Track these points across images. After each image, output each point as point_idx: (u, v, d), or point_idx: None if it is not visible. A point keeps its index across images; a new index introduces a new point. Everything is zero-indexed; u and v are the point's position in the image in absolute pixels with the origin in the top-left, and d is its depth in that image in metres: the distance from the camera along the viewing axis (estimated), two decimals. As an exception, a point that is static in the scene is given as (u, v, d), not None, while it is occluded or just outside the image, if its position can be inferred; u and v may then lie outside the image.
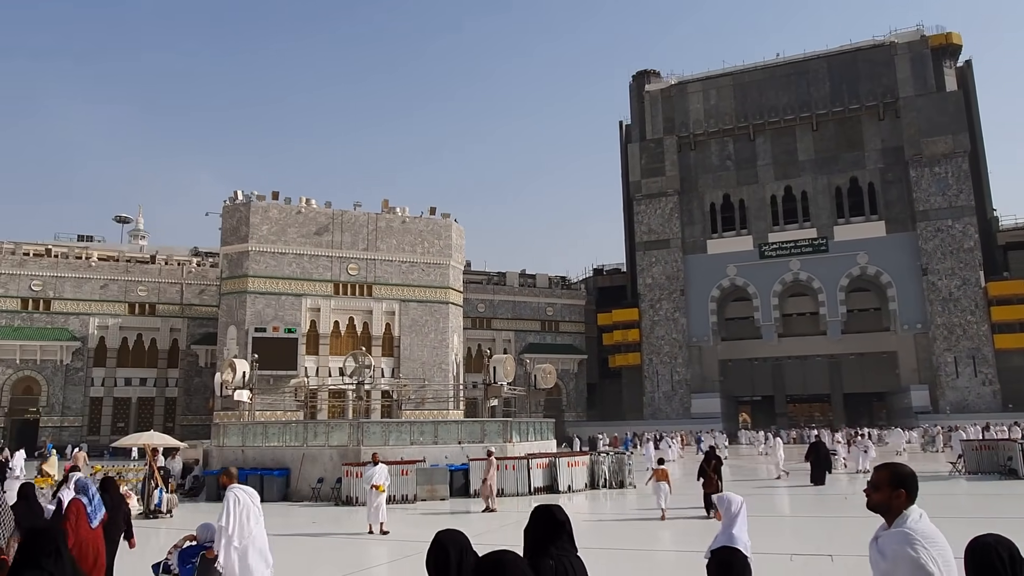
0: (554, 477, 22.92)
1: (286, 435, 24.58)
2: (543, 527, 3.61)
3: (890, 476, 3.49)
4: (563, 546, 3.58)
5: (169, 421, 58.56)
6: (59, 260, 58.75)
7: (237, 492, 7.58)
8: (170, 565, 8.30)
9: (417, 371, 53.07)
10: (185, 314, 61.54)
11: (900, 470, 3.52)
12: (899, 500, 3.43)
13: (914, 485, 3.46)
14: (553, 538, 3.58)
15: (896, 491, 3.44)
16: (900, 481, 3.45)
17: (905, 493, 3.44)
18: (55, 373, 57.06)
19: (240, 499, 7.48)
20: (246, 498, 7.56)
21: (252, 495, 7.67)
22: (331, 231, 53.85)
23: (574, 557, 3.60)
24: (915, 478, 3.50)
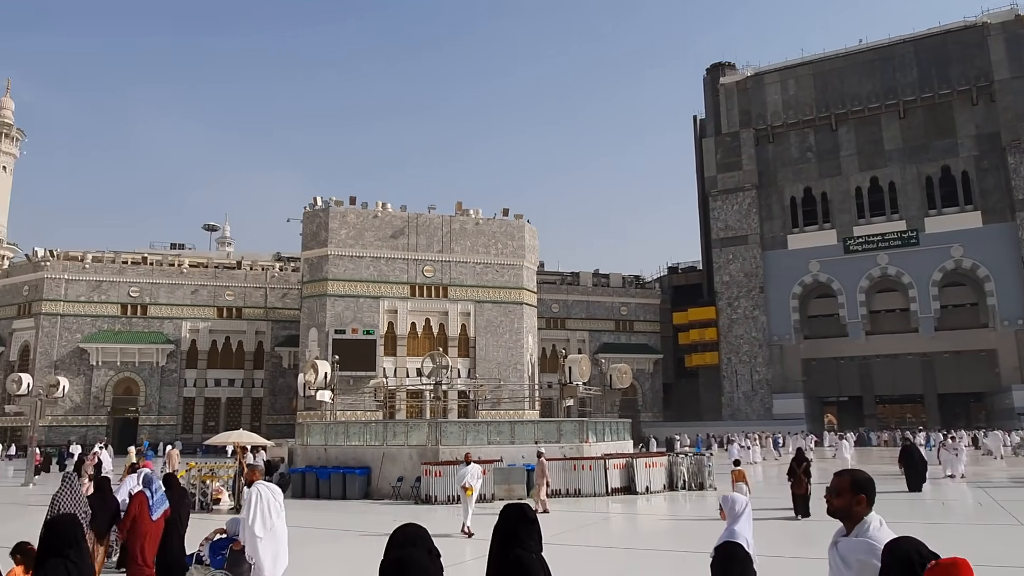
0: (631, 478, 22.62)
1: (366, 434, 25.14)
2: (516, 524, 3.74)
3: (851, 482, 3.58)
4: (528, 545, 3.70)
5: (256, 420, 60.87)
6: (154, 268, 62.03)
7: (260, 488, 8.05)
8: (202, 556, 8.72)
9: (493, 371, 53.45)
10: (269, 317, 63.89)
11: (860, 476, 3.62)
12: (860, 506, 3.53)
13: (873, 491, 3.57)
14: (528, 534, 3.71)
15: (856, 497, 3.54)
16: (860, 487, 3.56)
17: (865, 499, 3.54)
18: (152, 374, 60.23)
19: (262, 494, 7.95)
20: (268, 493, 8.01)
21: (275, 491, 8.10)
22: (407, 234, 54.86)
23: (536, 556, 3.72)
24: (873, 484, 3.61)
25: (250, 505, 7.88)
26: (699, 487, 23.49)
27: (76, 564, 4.21)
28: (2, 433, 58.24)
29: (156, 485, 9.10)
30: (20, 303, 60.79)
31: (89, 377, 58.24)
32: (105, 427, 57.82)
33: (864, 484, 3.60)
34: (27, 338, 59.38)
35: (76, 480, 8.79)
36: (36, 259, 60.73)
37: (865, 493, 3.57)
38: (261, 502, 7.89)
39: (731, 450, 30.29)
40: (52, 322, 58.61)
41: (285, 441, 32.39)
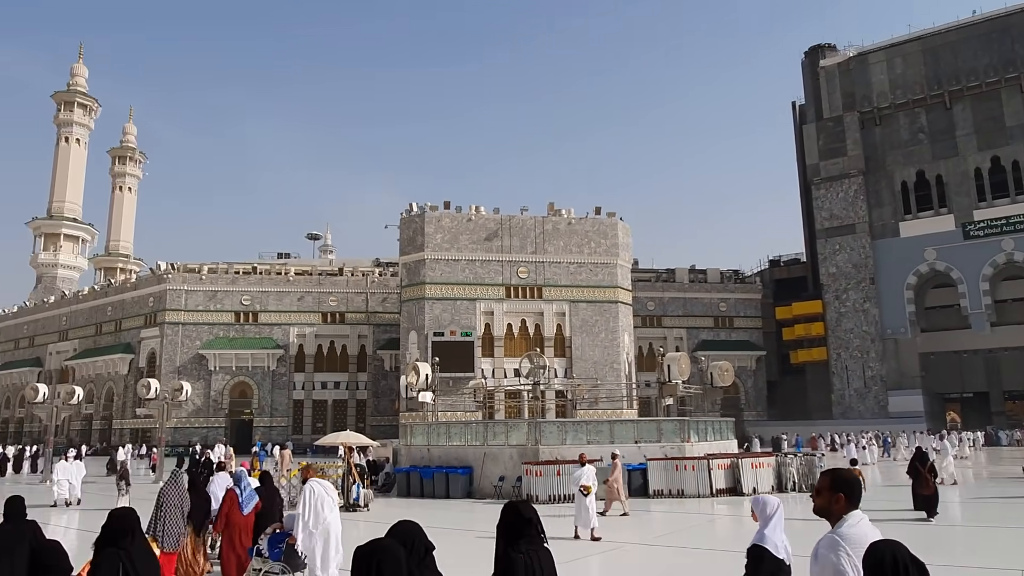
0: (737, 479, 21.95)
1: (467, 435, 25.54)
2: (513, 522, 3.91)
3: (831, 481, 3.65)
4: (533, 539, 3.88)
5: (360, 421, 63.00)
6: (263, 277, 65.38)
7: (313, 485, 8.53)
8: (261, 549, 9.24)
9: (589, 371, 53.18)
10: (370, 321, 66.02)
11: (840, 475, 3.68)
12: (839, 504, 3.58)
13: (851, 490, 3.60)
14: (522, 532, 3.88)
15: (835, 495, 3.59)
16: (839, 486, 3.61)
17: (844, 497, 3.59)
18: (264, 378, 63.45)
19: (315, 491, 8.44)
20: (321, 490, 8.50)
21: (328, 487, 8.61)
22: (500, 236, 55.40)
23: (543, 550, 3.92)
24: (854, 483, 3.65)
25: (303, 502, 8.31)
26: (810, 488, 22.51)
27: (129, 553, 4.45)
28: (134, 434, 62.90)
29: (245, 483, 9.84)
30: (147, 313, 65.48)
31: (208, 381, 61.99)
32: (223, 428, 61.35)
33: (843, 483, 3.65)
34: (153, 346, 63.88)
35: (181, 476, 10.03)
36: (159, 272, 65.25)
37: (844, 492, 3.61)
38: (314, 497, 8.38)
39: (847, 449, 28.94)
40: (175, 330, 62.77)
41: (389, 442, 33.35)
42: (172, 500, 9.31)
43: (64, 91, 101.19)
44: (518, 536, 3.87)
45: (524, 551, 3.80)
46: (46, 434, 37.76)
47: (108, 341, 69.55)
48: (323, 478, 21.06)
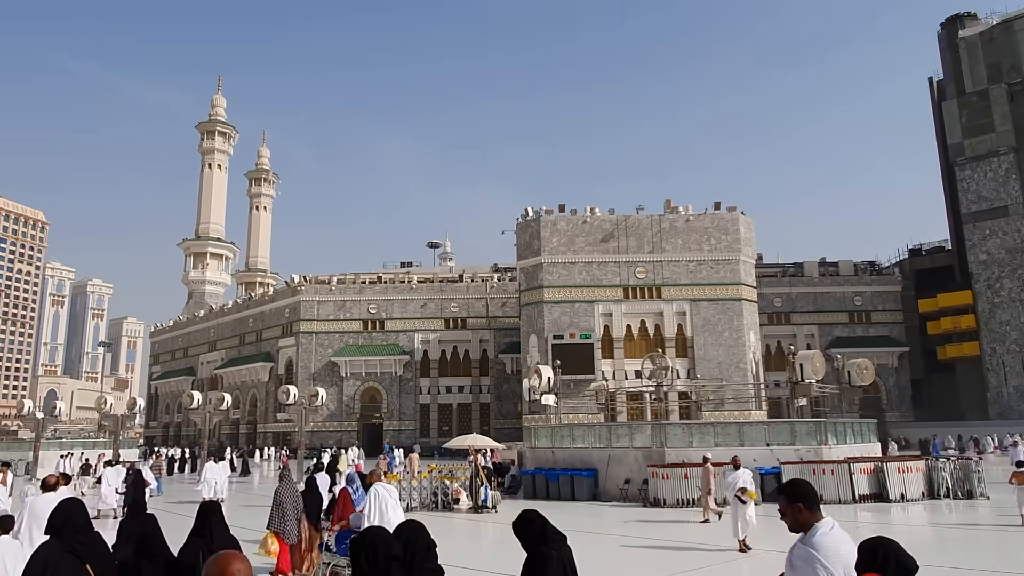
0: (882, 484, 20.55)
1: (590, 437, 25.40)
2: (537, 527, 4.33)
3: (786, 496, 3.72)
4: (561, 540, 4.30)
5: (484, 424, 64.11)
6: (388, 285, 68.06)
7: (377, 488, 9.58)
8: (329, 544, 10.12)
9: (713, 371, 51.60)
10: (491, 326, 67.17)
11: (793, 487, 3.78)
12: (802, 515, 3.67)
13: (807, 497, 3.69)
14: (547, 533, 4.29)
15: (794, 506, 3.67)
16: (793, 497, 3.69)
17: (802, 507, 3.66)
18: (392, 383, 65.96)
19: (380, 494, 9.46)
20: (384, 493, 9.49)
21: (391, 491, 9.64)
22: (616, 237, 54.86)
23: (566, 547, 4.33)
24: (807, 490, 3.74)
25: (369, 503, 9.38)
26: (967, 495, 20.75)
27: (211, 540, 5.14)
28: (276, 438, 67.12)
29: (356, 484, 11.10)
30: (283, 324, 69.77)
31: (340, 387, 65.19)
32: (356, 432, 64.30)
33: (796, 493, 3.73)
34: (290, 354, 67.96)
35: (290, 478, 11.45)
36: (293, 285, 69.37)
37: (801, 501, 3.69)
38: (378, 499, 9.43)
39: (1014, 452, 26.54)
40: (309, 339, 66.50)
41: (514, 444, 33.73)
42: (286, 498, 10.70)
43: (206, 121, 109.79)
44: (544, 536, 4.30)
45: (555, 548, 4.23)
46: (200, 437, 41.01)
47: (250, 351, 74.65)
48: (451, 480, 21.63)
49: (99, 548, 4.87)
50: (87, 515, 4.94)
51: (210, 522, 5.38)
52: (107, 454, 35.34)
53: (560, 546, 4.26)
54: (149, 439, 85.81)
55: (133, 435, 73.20)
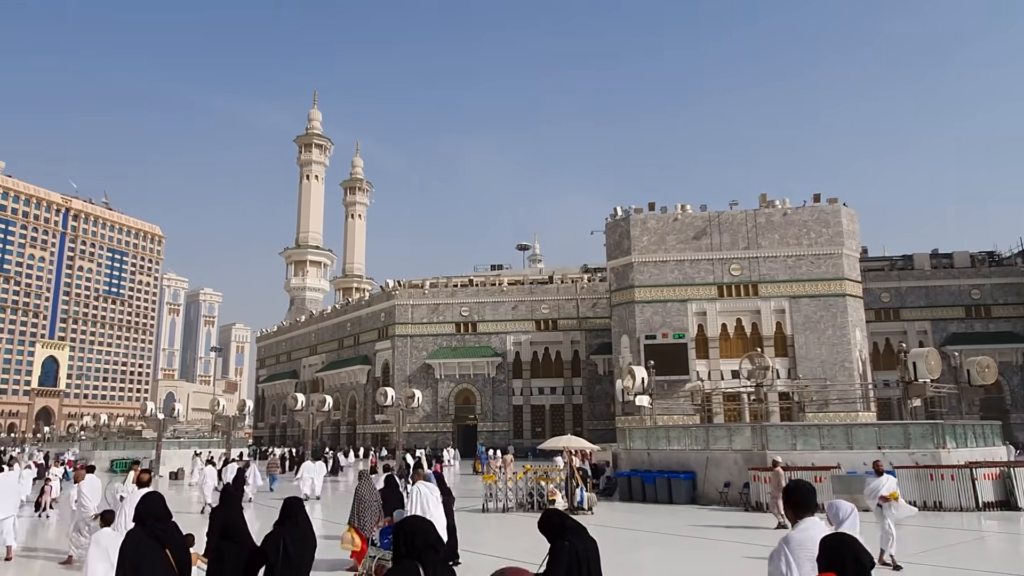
0: (1010, 490, 19.12)
1: (687, 439, 24.86)
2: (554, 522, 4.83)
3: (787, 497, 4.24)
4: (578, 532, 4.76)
5: (577, 426, 63.87)
6: (479, 288, 68.90)
7: (420, 486, 10.29)
8: (374, 540, 10.76)
9: (816, 371, 49.48)
10: (582, 327, 66.87)
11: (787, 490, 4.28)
12: (791, 512, 4.16)
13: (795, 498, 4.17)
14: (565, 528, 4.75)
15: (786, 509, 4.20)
16: (785, 500, 4.22)
17: (790, 509, 4.16)
18: (485, 385, 66.72)
19: (422, 491, 10.14)
20: (427, 491, 10.16)
21: (432, 489, 10.32)
22: (709, 234, 53.49)
23: (589, 540, 4.78)
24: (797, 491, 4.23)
25: (411, 500, 10.09)
26: (1108, 504, 18.99)
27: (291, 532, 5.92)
28: (374, 438, 69.16)
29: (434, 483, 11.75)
30: (379, 328, 71.85)
31: (435, 389, 66.47)
32: (451, 433, 65.40)
33: (788, 493, 4.27)
34: (386, 357, 69.87)
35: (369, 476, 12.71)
36: (388, 290, 71.33)
37: (789, 503, 4.20)
38: (420, 496, 10.12)
39: None
40: (404, 342, 68.18)
41: (608, 446, 33.44)
42: (366, 496, 11.72)
43: (303, 135, 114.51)
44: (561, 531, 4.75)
45: (568, 540, 4.68)
46: (304, 437, 42.74)
47: (348, 354, 77.26)
48: (546, 482, 21.62)
49: (175, 533, 5.64)
50: (166, 506, 5.69)
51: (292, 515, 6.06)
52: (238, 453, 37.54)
53: (575, 538, 4.71)
54: (258, 439, 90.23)
55: (243, 435, 77.17)
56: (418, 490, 10.35)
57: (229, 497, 7.21)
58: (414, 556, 4.09)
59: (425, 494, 10.30)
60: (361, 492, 11.77)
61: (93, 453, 47.08)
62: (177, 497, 27.18)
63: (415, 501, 10.14)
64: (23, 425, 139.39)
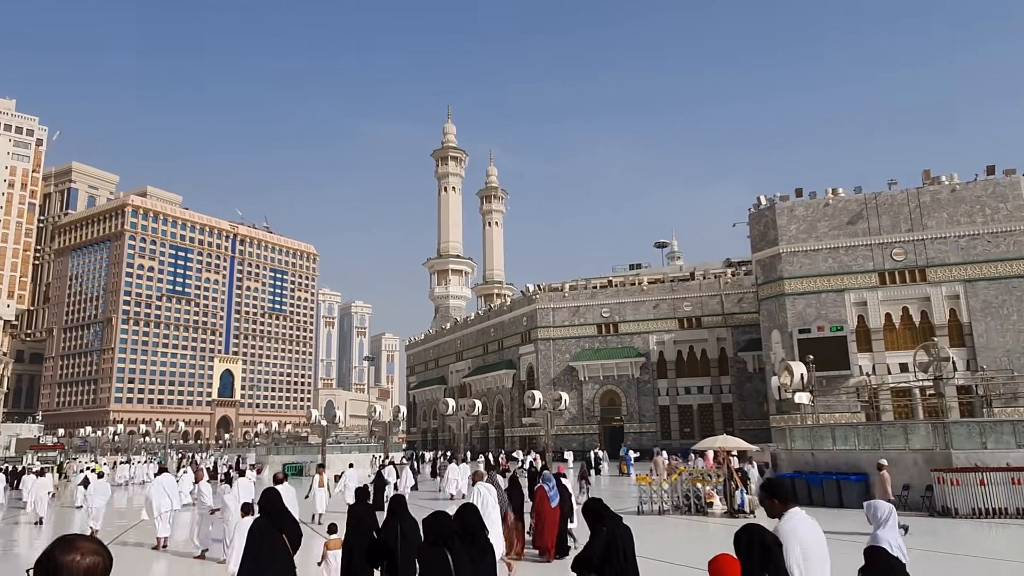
0: None
1: (855, 438, 23.19)
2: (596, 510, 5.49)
3: (764, 492, 4.68)
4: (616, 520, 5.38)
5: (728, 426, 61.53)
6: (619, 289, 68.18)
7: (479, 487, 11.36)
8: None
9: (999, 361, 44.83)
10: (727, 323, 64.43)
11: (769, 484, 4.74)
12: (776, 506, 4.57)
13: (780, 491, 4.62)
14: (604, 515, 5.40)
15: (770, 500, 4.60)
16: (770, 493, 4.64)
17: (776, 500, 4.57)
18: (629, 386, 65.85)
19: (480, 491, 11.20)
20: (485, 491, 11.20)
21: (490, 489, 11.38)
22: (865, 217, 49.87)
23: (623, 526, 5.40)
24: (779, 485, 4.71)
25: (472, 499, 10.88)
26: None
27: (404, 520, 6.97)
28: (523, 441, 70.10)
29: (551, 484, 13.10)
30: (522, 332, 72.85)
31: (580, 391, 66.42)
32: (597, 434, 65.06)
33: (771, 488, 4.56)
34: (530, 361, 70.69)
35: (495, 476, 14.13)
36: (529, 294, 72.19)
37: (774, 496, 4.49)
38: (479, 497, 10.98)
39: None
40: (547, 345, 68.71)
41: (765, 446, 31.91)
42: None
43: (439, 148, 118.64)
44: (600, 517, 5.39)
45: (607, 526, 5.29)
46: (456, 441, 44.05)
47: (493, 359, 78.90)
48: (703, 483, 20.94)
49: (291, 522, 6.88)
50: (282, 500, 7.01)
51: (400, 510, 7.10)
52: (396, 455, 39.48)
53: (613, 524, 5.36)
54: (411, 443, 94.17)
55: (397, 439, 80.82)
56: (477, 490, 11.40)
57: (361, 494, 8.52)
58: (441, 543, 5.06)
59: (484, 494, 11.26)
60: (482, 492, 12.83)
61: (267, 458, 50.98)
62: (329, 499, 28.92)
63: (475, 500, 11.07)
64: (207, 433, 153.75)
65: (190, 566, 13.68)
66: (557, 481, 13.26)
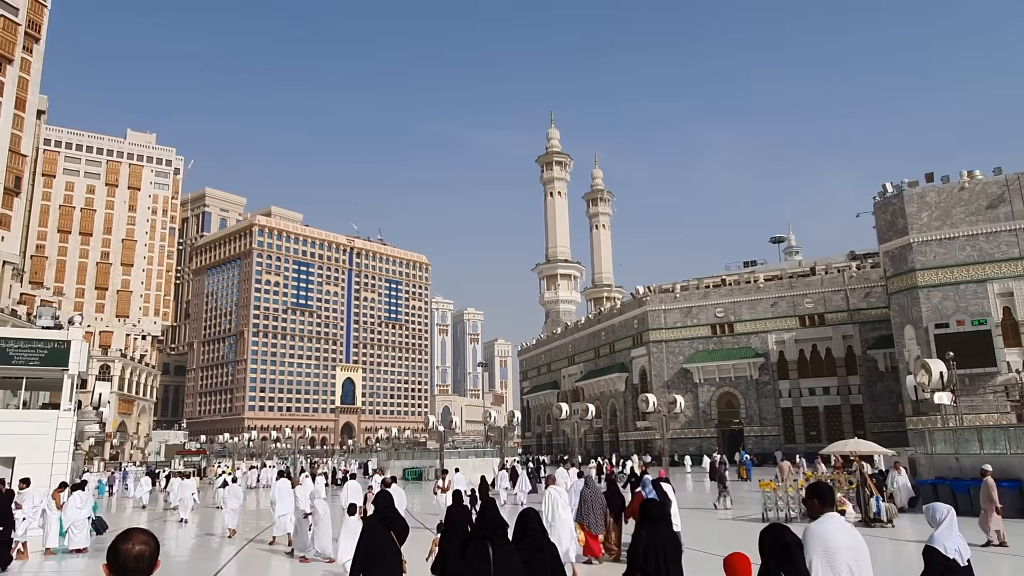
0: None
1: (1006, 440, 21.20)
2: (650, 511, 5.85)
3: (809, 492, 4.83)
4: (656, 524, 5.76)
5: (858, 428, 58.00)
6: (733, 288, 65.87)
7: (551, 490, 11.95)
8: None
9: None
10: (854, 319, 60.81)
11: (814, 486, 4.86)
12: (816, 507, 4.73)
13: (824, 494, 4.78)
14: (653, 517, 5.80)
15: (811, 501, 4.76)
16: (813, 493, 4.80)
17: (817, 501, 4.74)
18: (748, 388, 63.40)
19: (552, 495, 11.81)
20: (556, 495, 11.80)
21: (561, 493, 12.01)
22: (1008, 201, 45.76)
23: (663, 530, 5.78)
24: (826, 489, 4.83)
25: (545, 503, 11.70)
26: None
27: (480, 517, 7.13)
28: (637, 445, 68.95)
29: (649, 488, 13.44)
30: (633, 335, 71.77)
31: (695, 394, 64.61)
32: (714, 438, 63.04)
33: (817, 490, 4.82)
34: (642, 363, 69.50)
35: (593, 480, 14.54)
36: (639, 296, 71.04)
37: (816, 498, 4.77)
38: (550, 499, 11.79)
39: None
40: (659, 348, 67.32)
41: (902, 450, 29.79)
42: (589, 497, 13.42)
43: (544, 154, 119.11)
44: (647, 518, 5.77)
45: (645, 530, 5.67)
46: (571, 445, 43.85)
47: (605, 362, 78.15)
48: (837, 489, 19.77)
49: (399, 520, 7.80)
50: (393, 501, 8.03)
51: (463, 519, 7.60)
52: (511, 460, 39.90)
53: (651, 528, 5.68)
54: (526, 448, 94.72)
55: (512, 444, 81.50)
56: (549, 493, 12.00)
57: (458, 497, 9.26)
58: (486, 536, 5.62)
59: (554, 497, 11.87)
60: (585, 494, 13.49)
61: (388, 463, 52.71)
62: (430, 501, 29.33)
63: (548, 503, 11.79)
64: (332, 439, 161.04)
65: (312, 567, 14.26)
66: (656, 486, 13.63)
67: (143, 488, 34.92)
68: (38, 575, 14.89)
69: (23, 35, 78.19)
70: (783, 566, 4.01)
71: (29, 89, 79.29)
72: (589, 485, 13.95)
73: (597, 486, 14.28)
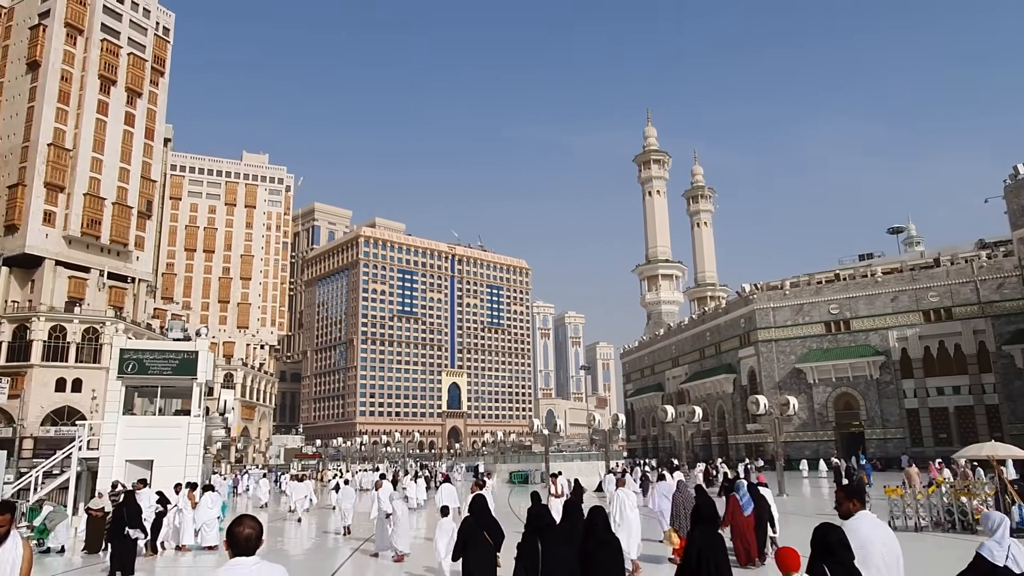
0: None
1: None
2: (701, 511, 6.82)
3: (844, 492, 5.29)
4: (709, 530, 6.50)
5: (995, 430, 53.59)
6: (848, 282, 62.50)
7: (619, 492, 12.54)
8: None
9: None
10: (985, 313, 56.32)
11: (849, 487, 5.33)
12: (852, 507, 5.19)
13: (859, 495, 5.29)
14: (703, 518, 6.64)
15: (851, 501, 5.22)
16: (850, 494, 5.25)
17: (856, 502, 5.21)
18: (868, 388, 59.93)
19: (619, 497, 12.31)
20: (623, 496, 12.26)
21: (628, 495, 12.45)
22: None
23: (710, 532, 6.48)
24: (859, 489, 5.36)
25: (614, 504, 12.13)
26: None
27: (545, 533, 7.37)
28: (748, 448, 66.54)
29: (743, 491, 13.27)
30: (740, 335, 69.37)
31: (810, 395, 61.69)
32: (832, 441, 59.94)
33: (853, 492, 5.28)
34: (751, 364, 67.03)
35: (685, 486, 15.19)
36: (745, 295, 68.62)
37: (854, 497, 5.22)
38: (618, 501, 12.16)
39: None
40: (768, 347, 64.75)
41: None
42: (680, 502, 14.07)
43: (641, 153, 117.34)
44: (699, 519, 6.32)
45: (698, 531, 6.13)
46: (678, 449, 42.82)
47: (711, 364, 75.94)
48: (969, 497, 18.38)
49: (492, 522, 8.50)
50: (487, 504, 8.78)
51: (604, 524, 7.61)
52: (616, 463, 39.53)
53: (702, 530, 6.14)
54: (631, 451, 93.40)
55: (617, 447, 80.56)
56: (617, 495, 12.52)
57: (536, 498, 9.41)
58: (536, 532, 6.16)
59: (622, 499, 12.34)
60: (677, 499, 14.25)
61: (494, 466, 53.29)
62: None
63: (616, 504, 12.22)
64: (439, 443, 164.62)
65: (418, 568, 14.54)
66: (753, 490, 13.75)
67: (263, 489, 36.87)
68: (174, 569, 15.97)
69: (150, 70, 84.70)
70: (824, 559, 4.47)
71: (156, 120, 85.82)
72: (680, 490, 14.92)
73: (689, 492, 15.12)
